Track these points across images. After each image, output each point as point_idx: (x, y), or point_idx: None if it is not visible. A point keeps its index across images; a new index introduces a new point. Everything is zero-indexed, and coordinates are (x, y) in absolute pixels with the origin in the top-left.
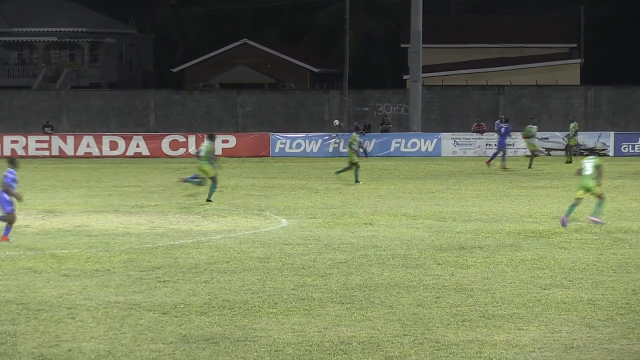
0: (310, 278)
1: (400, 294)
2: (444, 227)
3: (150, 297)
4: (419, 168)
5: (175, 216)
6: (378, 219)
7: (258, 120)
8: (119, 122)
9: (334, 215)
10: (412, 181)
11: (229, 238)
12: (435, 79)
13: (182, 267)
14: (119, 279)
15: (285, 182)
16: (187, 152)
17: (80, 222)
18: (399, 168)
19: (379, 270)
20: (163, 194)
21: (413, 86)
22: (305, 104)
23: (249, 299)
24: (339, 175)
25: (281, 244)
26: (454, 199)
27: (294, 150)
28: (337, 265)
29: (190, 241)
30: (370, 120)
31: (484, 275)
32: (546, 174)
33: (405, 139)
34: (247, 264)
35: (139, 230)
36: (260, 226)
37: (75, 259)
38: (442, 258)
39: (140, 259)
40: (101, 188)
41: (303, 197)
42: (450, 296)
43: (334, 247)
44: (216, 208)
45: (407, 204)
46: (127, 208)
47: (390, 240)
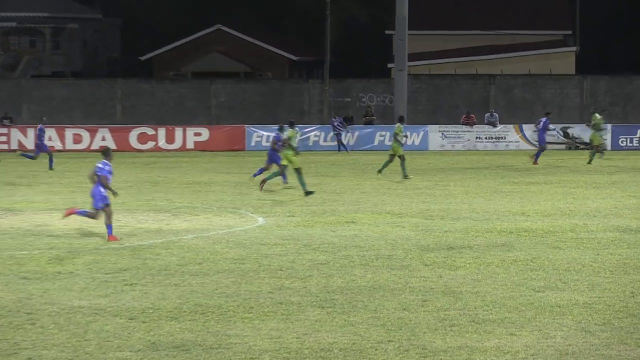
0: (289, 280)
1: (384, 298)
2: (431, 225)
3: (116, 301)
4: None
5: (143, 214)
6: (361, 217)
7: (233, 111)
8: (83, 113)
9: (313, 213)
10: (398, 176)
11: (201, 238)
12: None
13: (151, 269)
14: (82, 282)
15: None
16: (156, 146)
17: (42, 221)
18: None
19: (361, 272)
20: (130, 190)
21: (398, 75)
22: (283, 94)
23: (223, 303)
24: (382, 173)
25: (257, 244)
26: (442, 195)
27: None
28: (317, 266)
29: (159, 241)
30: (352, 111)
31: (473, 277)
32: (540, 169)
33: (390, 131)
34: (220, 266)
35: (104, 230)
36: (235, 225)
37: (36, 260)
38: (429, 259)
39: (106, 260)
40: (64, 184)
41: (281, 193)
42: (437, 299)
43: (313, 247)
44: (187, 206)
45: (392, 201)
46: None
47: (374, 240)
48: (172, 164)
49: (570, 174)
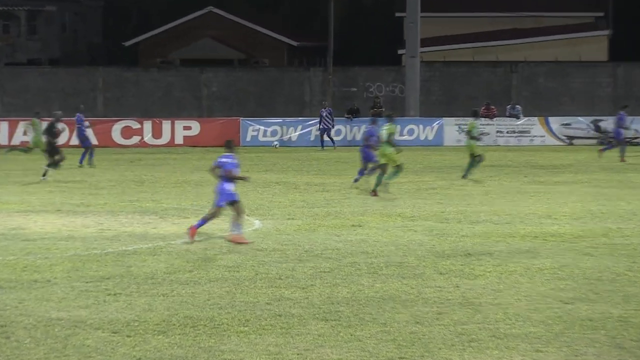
0: (289, 290)
1: (395, 310)
2: (446, 229)
3: (98, 312)
4: (417, 159)
5: (127, 217)
6: (368, 220)
7: (226, 102)
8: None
9: (316, 215)
10: (409, 175)
11: (192, 243)
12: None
13: (136, 278)
14: (61, 291)
15: (258, 176)
16: (141, 141)
17: (16, 223)
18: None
19: (369, 281)
20: (113, 190)
21: (410, 62)
22: (282, 84)
23: (216, 315)
24: (469, 176)
25: (254, 249)
26: (459, 196)
27: (268, 139)
28: (320, 275)
29: (145, 246)
30: (358, 102)
31: (494, 287)
32: (568, 166)
33: (401, 125)
34: (213, 274)
35: (85, 234)
36: (229, 229)
37: (10, 267)
38: (445, 267)
39: (87, 267)
40: (41, 184)
41: (280, 194)
42: (454, 312)
43: (316, 253)
44: (176, 207)
45: (403, 203)
46: (71, 207)
47: (383, 246)
48: (160, 160)
49: (602, 172)
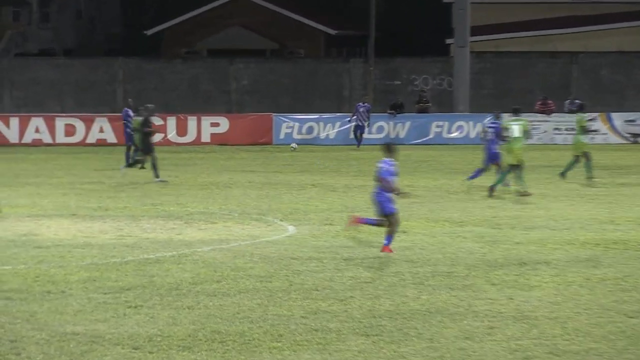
0: (326, 302)
1: (442, 324)
2: (499, 236)
3: (117, 327)
4: (467, 159)
5: (150, 222)
6: (413, 226)
7: (257, 97)
8: (77, 99)
9: None
10: (458, 176)
11: (220, 250)
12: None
13: (159, 289)
14: (77, 303)
15: (292, 177)
16: (165, 139)
17: (27, 229)
18: (440, 159)
19: (414, 293)
20: (134, 193)
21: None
22: (319, 76)
23: (246, 329)
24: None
25: (288, 258)
26: (513, 199)
27: (304, 136)
28: (360, 285)
29: (169, 254)
30: (402, 97)
31: (551, 299)
32: (632, 167)
33: (449, 121)
34: (243, 285)
35: (103, 240)
36: (261, 235)
37: (21, 277)
38: (497, 277)
39: (105, 277)
40: (54, 185)
41: (316, 197)
42: (507, 326)
43: (356, 262)
44: (203, 212)
45: (452, 207)
46: (87, 211)
47: (430, 254)
48: (185, 160)
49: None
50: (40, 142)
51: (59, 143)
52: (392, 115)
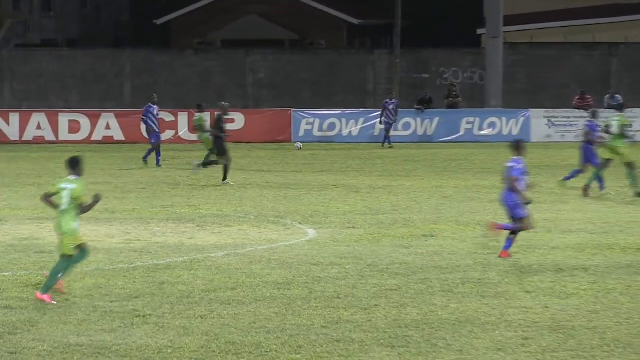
0: (348, 312)
1: (473, 334)
2: (533, 240)
3: (125, 337)
4: (500, 158)
5: (160, 225)
6: (442, 230)
7: (275, 91)
8: (82, 93)
9: (381, 224)
10: (490, 176)
11: (234, 255)
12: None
13: (169, 297)
14: (81, 312)
15: (313, 177)
16: (176, 136)
17: (28, 233)
18: (471, 158)
19: (443, 301)
20: (143, 194)
21: (491, 44)
22: (341, 69)
23: (263, 340)
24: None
25: (307, 264)
26: (548, 201)
27: (325, 134)
28: (385, 293)
29: (181, 260)
30: (431, 91)
31: (589, 307)
32: None
33: (481, 117)
34: (260, 292)
35: (109, 245)
36: (279, 239)
37: (22, 284)
38: (532, 284)
39: (112, 284)
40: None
41: (338, 198)
42: (542, 337)
43: (380, 268)
44: (217, 214)
45: (483, 209)
46: (93, 213)
47: (460, 259)
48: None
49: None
50: (42, 140)
51: (62, 140)
52: (419, 111)
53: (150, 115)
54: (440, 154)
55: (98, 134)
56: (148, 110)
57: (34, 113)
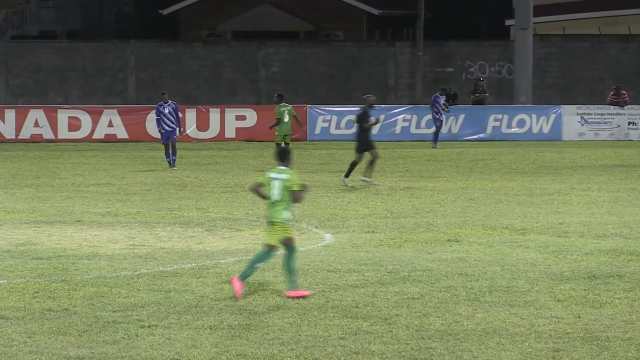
0: (367, 322)
1: (500, 346)
2: (565, 246)
3: (128, 349)
4: (529, 157)
5: (166, 229)
6: (468, 234)
7: (289, 86)
8: (82, 88)
9: (402, 228)
10: (519, 177)
11: (246, 262)
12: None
13: (176, 306)
14: (82, 322)
15: (329, 178)
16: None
17: (25, 238)
18: (498, 157)
19: (469, 310)
20: (148, 195)
21: (520, 36)
22: (360, 62)
23: (276, 352)
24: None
25: (324, 270)
26: (581, 204)
27: (343, 131)
28: (407, 302)
29: (188, 266)
30: (456, 86)
31: (624, 317)
32: None
33: (509, 114)
34: (273, 301)
35: (112, 251)
36: None
37: (18, 293)
38: (563, 292)
39: (114, 293)
40: (56, 188)
41: (357, 200)
42: (575, 348)
43: (402, 275)
44: (227, 217)
45: (511, 212)
46: (94, 217)
47: (486, 266)
48: (206, 159)
49: None
50: (40, 138)
51: (61, 139)
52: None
53: (162, 115)
54: (466, 153)
55: (100, 132)
56: (160, 110)
57: (32, 109)
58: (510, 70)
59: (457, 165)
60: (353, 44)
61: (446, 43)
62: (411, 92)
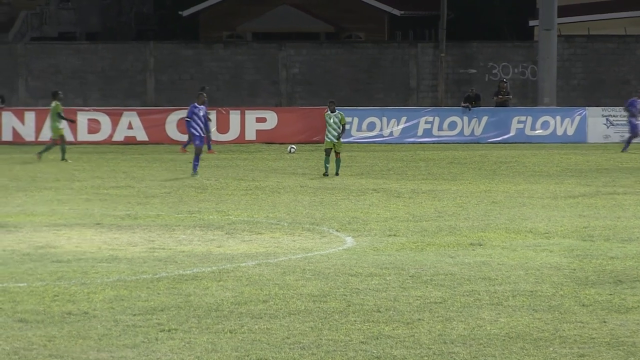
0: (389, 326)
1: (524, 351)
2: (591, 249)
3: (148, 353)
4: (553, 160)
5: (186, 232)
6: (491, 238)
7: (310, 88)
8: (102, 90)
9: (424, 231)
10: (543, 180)
11: (266, 265)
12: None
13: (196, 309)
14: (102, 326)
15: (351, 181)
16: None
17: (45, 241)
18: (522, 160)
19: (492, 315)
20: (168, 198)
21: (544, 37)
22: (382, 64)
23: (297, 357)
24: None
25: (345, 274)
26: (607, 207)
27: (364, 134)
28: (429, 306)
29: (208, 270)
30: (479, 87)
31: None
32: None
33: (533, 116)
34: (293, 305)
35: (131, 254)
36: (314, 248)
37: (38, 296)
38: (589, 297)
39: (134, 296)
40: (75, 190)
41: (378, 204)
42: (600, 354)
43: (424, 279)
44: (247, 220)
45: (535, 215)
46: (114, 220)
47: (510, 270)
48: (226, 161)
49: None
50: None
51: (81, 141)
52: (466, 109)
53: (194, 116)
54: (489, 155)
55: (119, 134)
56: (193, 111)
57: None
58: (534, 72)
59: (480, 168)
60: (374, 45)
61: (469, 44)
62: (433, 94)
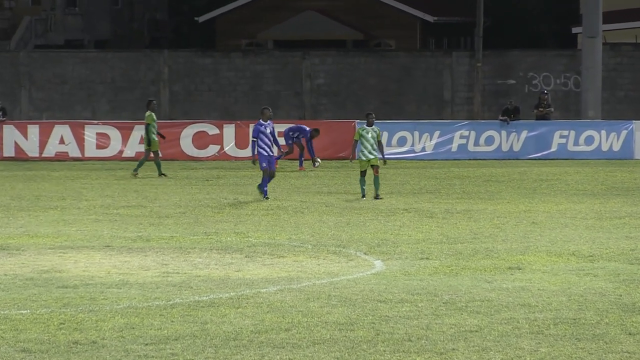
0: (421, 356)
1: None
2: (638, 274)
3: None
4: (598, 178)
5: (202, 255)
6: (531, 261)
7: (336, 99)
8: (112, 102)
9: (459, 254)
10: (587, 199)
11: (289, 291)
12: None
13: (213, 338)
14: (111, 357)
15: (380, 200)
16: (221, 152)
17: (50, 264)
18: (564, 178)
19: (532, 345)
20: (182, 219)
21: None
22: (413, 74)
23: None
24: None
25: (374, 300)
26: None
27: (394, 149)
28: (464, 335)
29: (226, 296)
30: (518, 99)
31: None
32: None
33: (576, 130)
34: (318, 334)
35: (143, 279)
36: (340, 272)
37: (42, 324)
38: (636, 324)
39: (146, 324)
40: (83, 210)
41: (409, 224)
42: None
43: (459, 306)
44: (268, 243)
45: (579, 237)
46: (124, 242)
47: (551, 296)
48: (245, 179)
49: None
50: (65, 156)
51: (89, 157)
52: (504, 123)
53: (261, 134)
54: (529, 173)
55: (131, 150)
56: (259, 129)
57: (57, 125)
58: (577, 82)
59: (519, 186)
60: (406, 54)
61: (507, 53)
62: (469, 107)
